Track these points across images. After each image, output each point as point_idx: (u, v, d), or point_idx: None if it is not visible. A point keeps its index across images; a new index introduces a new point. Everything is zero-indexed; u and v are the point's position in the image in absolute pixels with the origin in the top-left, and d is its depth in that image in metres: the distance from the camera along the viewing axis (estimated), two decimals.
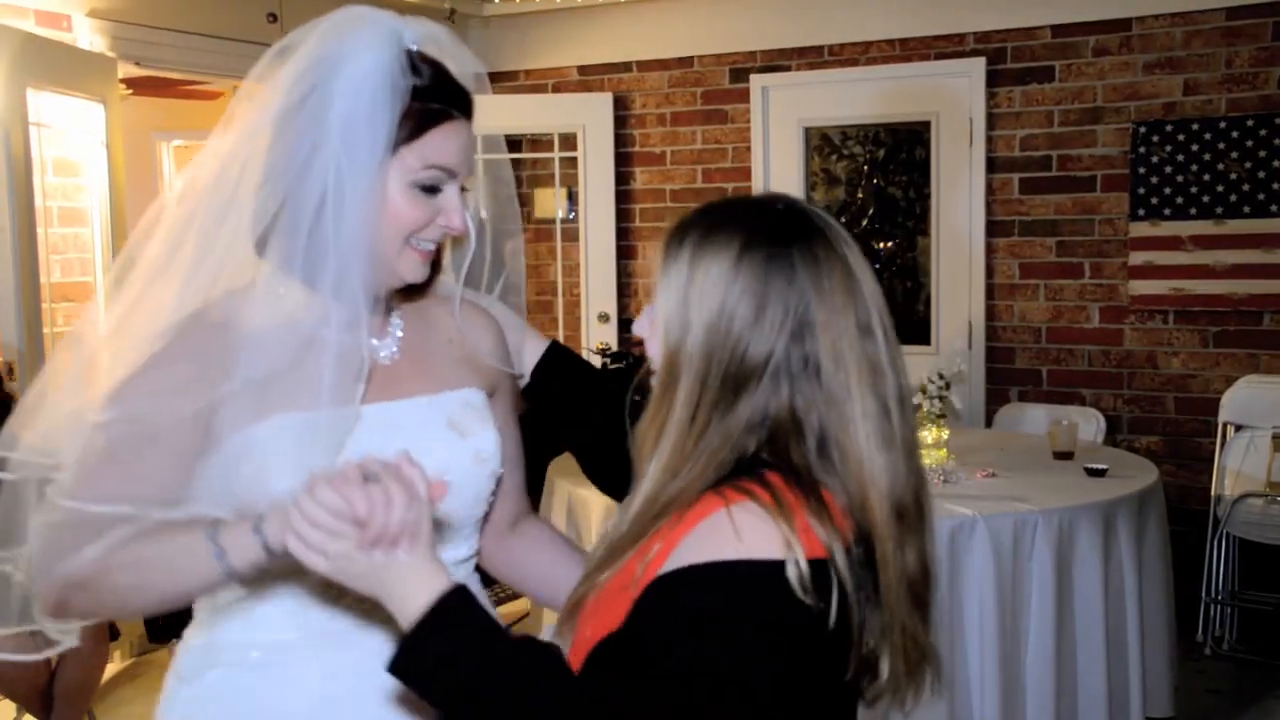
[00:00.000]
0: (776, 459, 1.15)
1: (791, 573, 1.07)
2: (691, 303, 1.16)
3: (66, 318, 4.52)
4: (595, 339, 6.10)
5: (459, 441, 1.43)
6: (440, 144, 1.34)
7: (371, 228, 1.31)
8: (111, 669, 4.27)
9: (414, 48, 1.35)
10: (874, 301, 1.17)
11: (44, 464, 1.33)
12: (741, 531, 1.09)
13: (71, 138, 4.52)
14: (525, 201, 6.47)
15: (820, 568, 1.09)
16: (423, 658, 1.10)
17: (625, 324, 6.22)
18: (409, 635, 1.10)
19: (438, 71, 1.37)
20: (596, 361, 5.30)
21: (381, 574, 1.12)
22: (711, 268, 1.16)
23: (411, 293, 1.48)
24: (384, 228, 1.33)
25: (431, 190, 1.35)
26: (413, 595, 1.11)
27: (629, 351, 4.70)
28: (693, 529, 1.11)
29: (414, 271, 1.38)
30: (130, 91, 5.38)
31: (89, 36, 4.51)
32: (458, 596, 1.12)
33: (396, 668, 1.10)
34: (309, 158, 1.29)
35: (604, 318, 6.17)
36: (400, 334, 1.46)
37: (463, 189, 1.40)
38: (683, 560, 1.09)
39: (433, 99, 1.34)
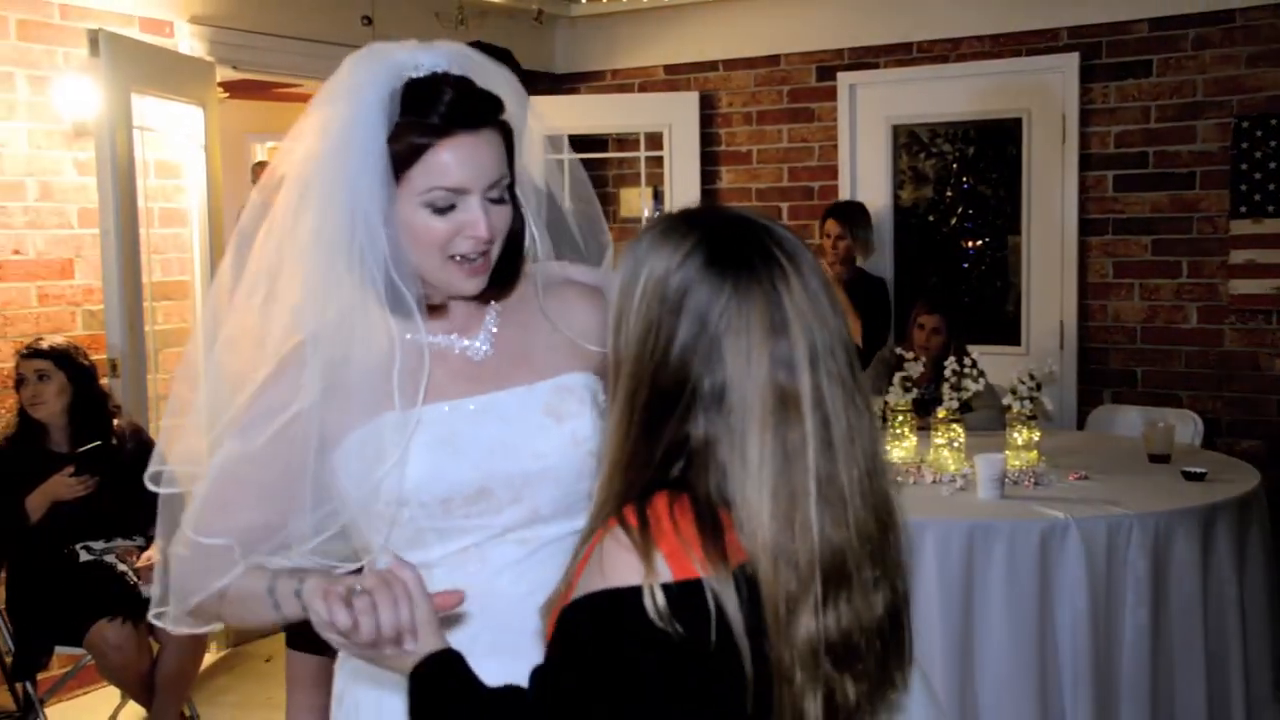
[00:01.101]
0: (690, 483, 1.12)
1: (647, 599, 1.06)
2: (629, 311, 1.15)
3: (166, 315, 4.64)
4: None
5: (554, 426, 1.50)
6: (441, 164, 1.39)
7: (407, 248, 1.41)
8: (208, 659, 4.38)
9: (429, 73, 1.42)
10: (806, 342, 1.10)
11: (191, 473, 1.52)
12: (604, 562, 1.10)
13: (172, 140, 4.64)
14: (611, 201, 6.50)
15: (692, 590, 1.07)
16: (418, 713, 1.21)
17: None
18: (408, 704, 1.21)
19: (439, 94, 1.41)
20: None
21: (391, 663, 1.23)
22: (651, 277, 1.13)
23: (504, 290, 1.54)
24: (415, 247, 1.42)
25: (445, 208, 1.41)
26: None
27: None
28: (589, 560, 1.13)
29: (463, 284, 1.45)
30: (227, 95, 5.51)
31: (189, 42, 4.62)
32: (435, 662, 1.21)
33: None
34: (338, 191, 1.39)
35: None
36: (495, 330, 1.54)
37: (497, 199, 1.44)
38: (577, 592, 1.13)
39: (422, 127, 1.39)
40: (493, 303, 1.55)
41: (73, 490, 3.52)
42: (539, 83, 6.15)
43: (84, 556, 3.59)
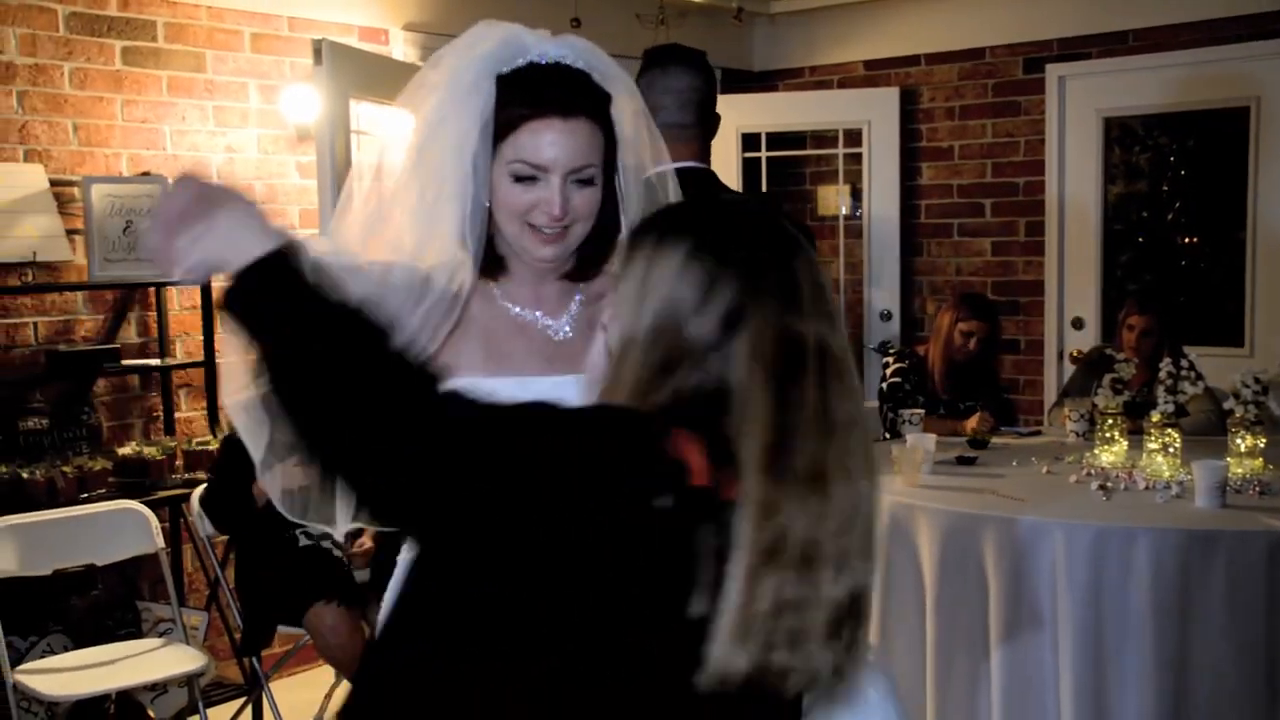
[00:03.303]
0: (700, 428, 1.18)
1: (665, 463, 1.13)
2: (646, 291, 1.23)
3: None
4: (877, 337, 6.02)
5: None
6: (526, 141, 1.54)
7: (495, 210, 1.58)
8: None
9: (551, 61, 1.58)
10: (816, 310, 1.19)
11: None
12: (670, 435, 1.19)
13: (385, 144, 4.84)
14: (808, 199, 6.46)
15: (700, 493, 1.12)
16: (251, 297, 1.13)
17: (909, 323, 6.10)
18: (238, 273, 1.13)
19: (542, 78, 1.56)
20: (878, 360, 5.21)
21: (208, 237, 1.17)
22: (668, 260, 1.22)
23: (585, 270, 1.66)
24: (499, 210, 1.59)
25: (527, 180, 1.55)
26: (246, 249, 1.14)
27: (913, 350, 4.60)
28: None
29: (538, 250, 1.59)
30: None
31: (402, 48, 4.83)
32: (288, 254, 1.15)
33: (227, 304, 1.13)
34: (446, 157, 1.57)
35: (886, 316, 6.08)
36: (578, 315, 1.66)
37: (583, 181, 1.57)
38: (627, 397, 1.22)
39: (523, 103, 1.55)
40: (579, 291, 1.67)
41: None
42: (736, 80, 6.16)
43: (303, 541, 3.79)
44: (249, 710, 3.97)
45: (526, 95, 1.55)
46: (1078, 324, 5.69)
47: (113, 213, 3.94)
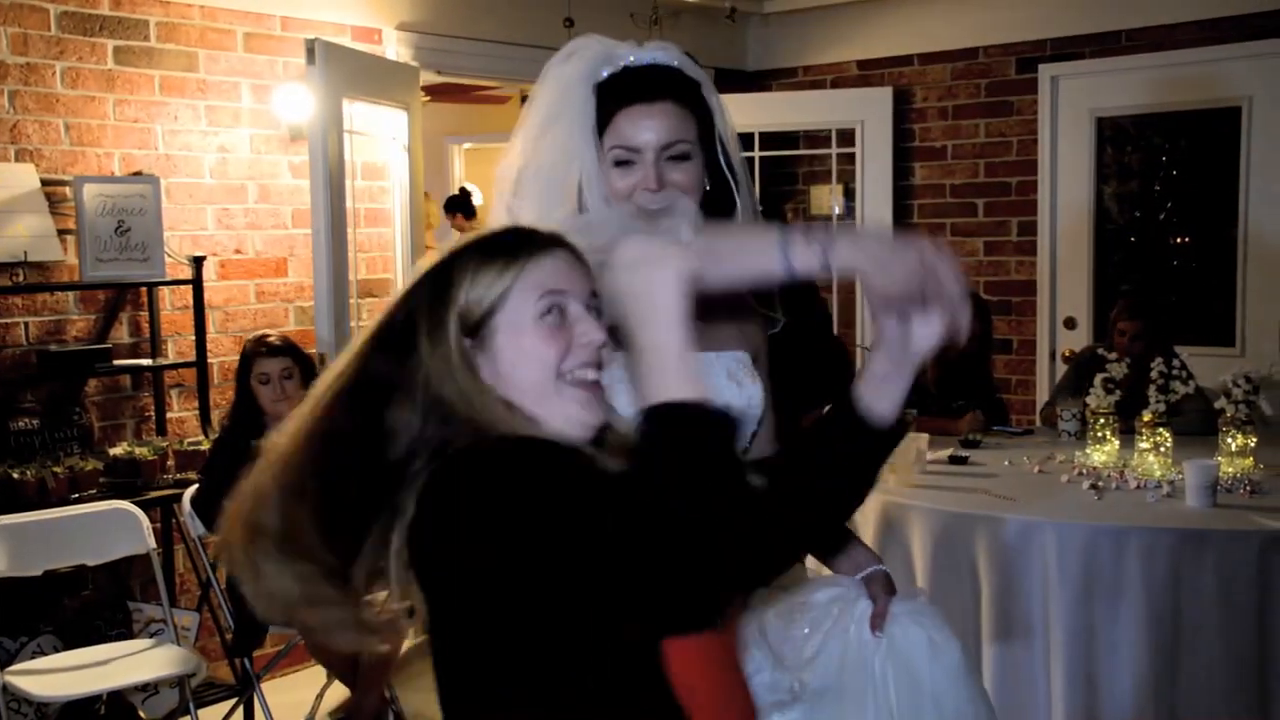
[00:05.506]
0: None
1: None
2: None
3: (370, 312, 4.85)
4: (869, 335, 6.01)
5: (737, 390, 1.73)
6: (621, 128, 1.69)
7: (610, 200, 1.70)
8: (406, 645, 4.55)
9: (629, 63, 1.72)
10: None
11: None
12: None
13: (377, 143, 4.84)
14: (801, 198, 6.46)
15: None
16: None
17: None
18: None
19: (626, 76, 1.71)
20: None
21: None
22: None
23: None
24: (614, 199, 1.70)
25: (625, 164, 1.68)
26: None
27: None
28: None
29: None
30: (428, 98, 5.71)
31: (395, 48, 4.82)
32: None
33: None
34: (560, 144, 1.70)
35: None
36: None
37: (677, 158, 1.68)
38: None
39: (615, 96, 1.70)
40: None
41: None
42: (730, 80, 6.16)
43: None
44: (240, 711, 3.96)
45: (618, 93, 1.70)
46: (1070, 324, 5.70)
47: (104, 212, 3.93)
